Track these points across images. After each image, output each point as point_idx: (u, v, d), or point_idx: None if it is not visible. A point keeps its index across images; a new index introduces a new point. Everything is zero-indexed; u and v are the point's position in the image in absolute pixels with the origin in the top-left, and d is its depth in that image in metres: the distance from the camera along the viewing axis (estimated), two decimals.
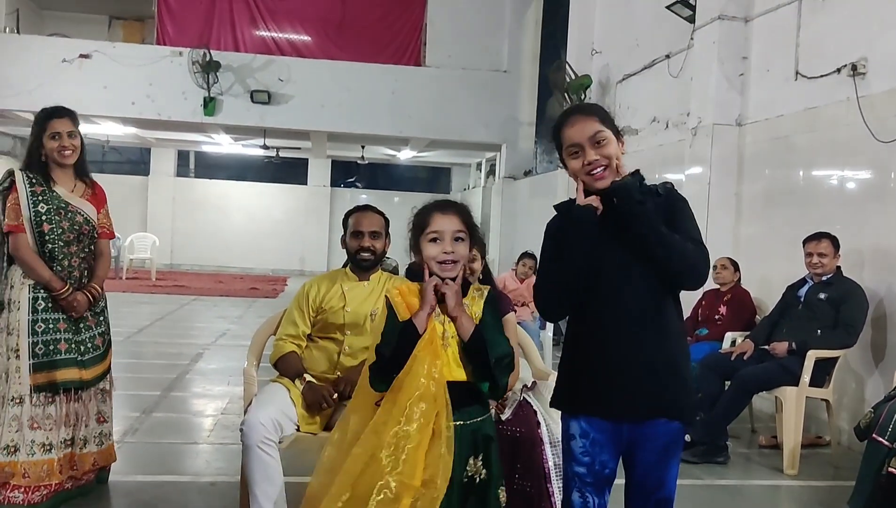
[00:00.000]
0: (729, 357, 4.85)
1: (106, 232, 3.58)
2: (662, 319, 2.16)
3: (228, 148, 18.32)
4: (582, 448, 2.18)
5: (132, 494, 3.62)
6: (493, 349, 2.16)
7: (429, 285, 2.17)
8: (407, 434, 2.04)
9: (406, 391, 2.07)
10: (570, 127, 2.16)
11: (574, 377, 2.21)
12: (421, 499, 2.04)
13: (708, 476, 4.39)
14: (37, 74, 12.66)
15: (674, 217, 2.16)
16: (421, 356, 2.10)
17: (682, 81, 7.57)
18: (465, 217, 2.26)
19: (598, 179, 2.13)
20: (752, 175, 6.46)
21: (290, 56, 13.93)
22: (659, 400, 2.13)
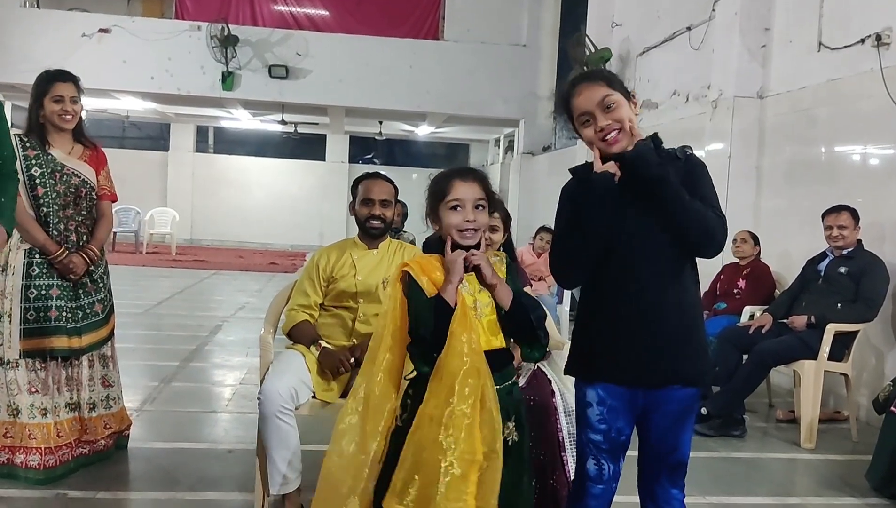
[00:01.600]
0: (747, 331, 4.81)
1: (107, 194, 3.55)
2: (680, 286, 2.14)
3: (247, 124, 18.34)
4: (598, 415, 2.17)
5: (151, 460, 3.66)
6: (533, 310, 2.18)
7: (457, 256, 2.15)
8: (463, 413, 2.03)
9: (450, 371, 2.05)
10: (578, 96, 2.13)
11: (590, 344, 2.20)
12: (485, 472, 2.05)
13: (724, 448, 4.38)
14: (56, 49, 12.69)
15: (692, 183, 2.13)
16: (457, 331, 2.07)
17: (703, 54, 7.47)
18: (486, 184, 2.24)
19: (612, 143, 2.10)
20: (774, 148, 6.38)
21: (309, 30, 13.89)
22: (675, 366, 2.12)
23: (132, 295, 9.18)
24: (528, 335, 2.20)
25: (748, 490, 3.74)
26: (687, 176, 2.14)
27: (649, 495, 2.25)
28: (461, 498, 2.02)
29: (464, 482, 2.03)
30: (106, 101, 15.28)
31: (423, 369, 2.15)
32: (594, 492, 2.20)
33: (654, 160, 2.08)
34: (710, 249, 2.13)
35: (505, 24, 13.91)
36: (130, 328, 7.06)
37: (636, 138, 2.10)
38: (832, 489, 3.83)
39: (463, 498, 2.02)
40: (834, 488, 3.84)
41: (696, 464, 4.05)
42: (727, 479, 3.92)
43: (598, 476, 2.19)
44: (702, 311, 2.27)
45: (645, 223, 2.11)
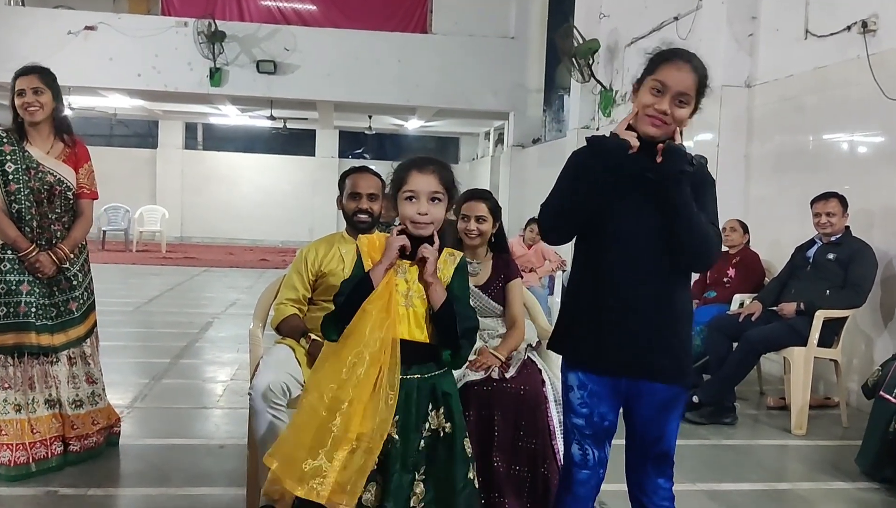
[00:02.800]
0: (737, 319, 4.83)
1: (86, 192, 3.48)
2: (668, 282, 2.13)
3: (236, 120, 18.28)
4: (580, 399, 2.17)
5: (142, 457, 3.65)
6: (462, 321, 2.15)
7: (395, 241, 2.15)
8: (344, 388, 2.04)
9: (350, 346, 2.07)
10: (674, 68, 2.06)
11: (575, 328, 2.20)
12: (354, 452, 2.04)
13: (715, 436, 4.40)
14: (42, 47, 12.57)
15: (699, 194, 2.11)
16: (369, 310, 2.08)
17: (690, 44, 7.43)
18: (445, 177, 2.21)
19: (654, 125, 2.07)
20: (762, 137, 6.40)
21: (296, 25, 13.85)
22: (655, 364, 2.11)
23: (122, 293, 9.17)
24: (449, 341, 2.17)
25: (739, 477, 3.75)
26: (695, 186, 2.10)
27: (637, 485, 2.25)
28: (324, 471, 2.03)
29: (331, 453, 2.03)
30: (93, 98, 15.20)
31: (330, 336, 2.16)
32: (580, 478, 2.20)
33: (687, 164, 2.05)
34: (701, 265, 2.16)
35: (493, 17, 13.89)
36: (121, 326, 7.06)
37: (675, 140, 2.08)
38: (823, 474, 3.85)
39: (325, 471, 2.03)
40: (824, 473, 3.86)
41: (687, 452, 4.10)
42: (718, 466, 3.94)
43: (582, 462, 2.20)
44: (691, 309, 2.25)
45: (642, 214, 2.10)
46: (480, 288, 3.31)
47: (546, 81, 13.74)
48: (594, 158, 2.11)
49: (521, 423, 2.94)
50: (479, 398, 2.94)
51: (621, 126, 2.11)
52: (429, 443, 2.16)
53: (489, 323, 3.34)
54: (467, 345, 2.19)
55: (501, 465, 2.91)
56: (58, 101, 3.42)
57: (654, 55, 2.14)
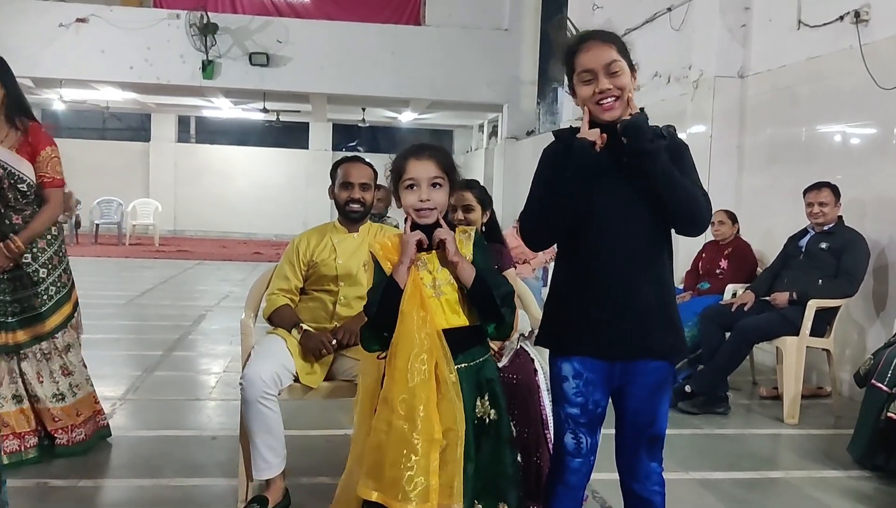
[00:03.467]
0: (730, 309, 4.83)
1: (47, 180, 3.31)
2: (657, 262, 2.14)
3: (229, 113, 18.23)
4: (575, 388, 2.17)
5: (133, 448, 3.64)
6: (497, 289, 2.16)
7: (410, 237, 2.15)
8: (415, 394, 2.03)
9: (403, 352, 2.06)
10: (586, 52, 2.07)
11: (564, 317, 2.19)
12: (446, 450, 2.06)
13: (707, 425, 4.41)
14: (34, 39, 12.58)
15: (676, 163, 2.10)
16: (407, 310, 2.08)
17: (683, 35, 7.47)
18: (443, 161, 2.21)
19: (606, 109, 2.06)
20: (755, 127, 6.40)
21: (289, 17, 13.79)
22: (649, 341, 2.12)
23: (115, 286, 9.14)
24: (491, 313, 2.18)
25: (731, 465, 3.76)
26: (671, 156, 2.10)
27: (628, 470, 2.24)
28: (425, 477, 2.02)
29: (426, 460, 2.03)
30: (85, 91, 15.13)
31: (372, 347, 2.18)
32: (573, 466, 2.19)
33: (650, 133, 2.05)
34: (697, 228, 2.13)
35: (486, 9, 13.86)
36: (114, 319, 7.06)
37: (631, 110, 2.08)
38: (815, 462, 3.86)
39: (427, 477, 2.03)
40: (816, 461, 3.87)
41: (679, 441, 4.11)
42: (710, 455, 3.94)
43: (576, 450, 2.19)
44: (674, 288, 2.27)
45: (625, 197, 2.10)
46: None
47: (540, 73, 13.72)
48: (565, 162, 2.11)
49: (514, 412, 2.93)
50: None
51: (584, 127, 2.11)
52: (476, 432, 2.16)
53: None
54: (509, 312, 2.19)
55: None
56: (8, 89, 3.26)
57: (565, 53, 2.15)
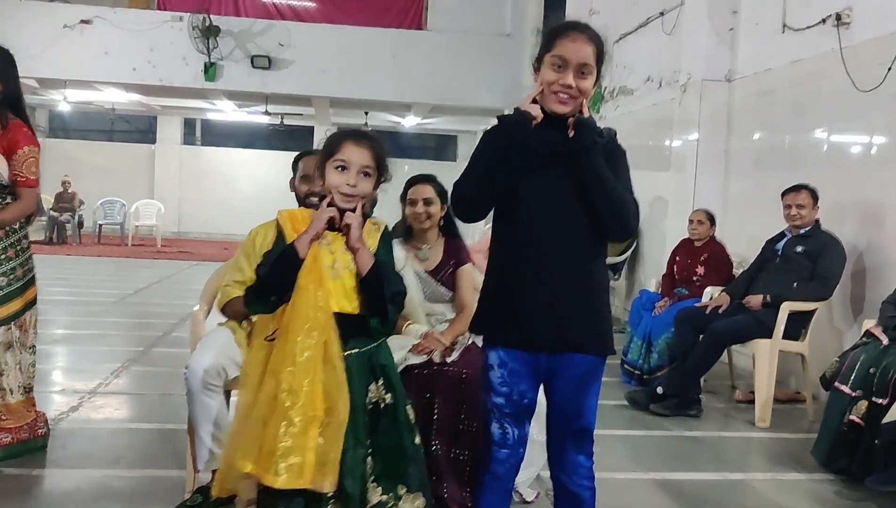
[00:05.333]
0: (704, 311, 4.80)
1: (20, 180, 3.27)
2: (587, 255, 2.13)
3: (234, 116, 18.31)
4: (500, 377, 2.16)
5: (95, 440, 3.65)
6: (389, 285, 2.18)
7: (323, 213, 2.16)
8: (303, 368, 2.04)
9: (295, 326, 2.07)
10: (570, 41, 2.05)
11: (494, 305, 2.18)
12: (327, 427, 2.06)
13: (677, 427, 4.38)
14: (38, 40, 12.64)
15: (612, 165, 2.11)
16: (304, 285, 2.09)
17: (675, 39, 7.45)
18: (378, 153, 2.23)
19: (560, 102, 2.06)
20: (741, 131, 6.37)
21: (291, 20, 13.85)
22: (577, 335, 2.11)
23: (110, 285, 9.20)
24: (377, 307, 2.20)
25: (693, 467, 3.74)
26: (607, 158, 2.10)
27: (557, 462, 2.23)
28: (301, 453, 2.03)
29: (303, 437, 2.04)
30: (90, 93, 15.24)
31: (257, 308, 2.20)
32: (499, 456, 2.18)
33: (596, 135, 2.06)
34: (623, 232, 2.13)
35: (488, 14, 13.86)
36: (102, 316, 7.09)
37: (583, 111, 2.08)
38: (780, 466, 3.83)
39: (302, 453, 2.03)
40: (781, 464, 3.84)
41: (645, 442, 4.10)
42: (674, 456, 3.92)
43: (502, 441, 2.17)
44: (607, 279, 2.26)
45: (556, 187, 2.09)
46: (430, 273, 3.31)
47: None
48: (501, 135, 2.11)
49: (463, 406, 2.93)
50: (419, 381, 2.92)
51: (527, 100, 2.10)
52: (372, 416, 2.19)
53: (438, 308, 3.34)
54: (395, 310, 2.21)
55: (441, 449, 2.90)
56: (6, 85, 3.29)
57: (549, 31, 2.14)
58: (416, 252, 3.40)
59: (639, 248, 8.03)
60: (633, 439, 4.19)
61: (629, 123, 8.61)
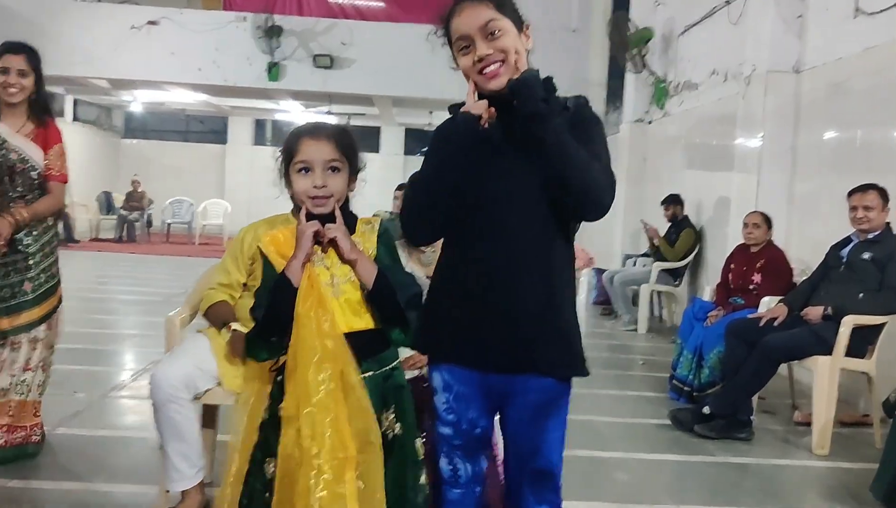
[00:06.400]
0: (758, 323, 4.35)
1: (54, 174, 3.34)
2: (547, 258, 1.78)
3: (300, 116, 18.35)
4: (445, 403, 1.83)
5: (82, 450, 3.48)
6: (402, 290, 1.88)
7: (306, 228, 1.87)
8: (324, 407, 1.77)
9: (304, 361, 1.79)
10: (458, 16, 1.79)
11: (438, 318, 1.85)
12: (363, 465, 1.79)
13: (722, 452, 3.95)
14: (107, 42, 12.88)
15: (581, 137, 1.76)
16: (304, 312, 1.81)
17: (740, 29, 6.94)
18: (342, 143, 1.94)
19: (490, 77, 1.76)
20: (809, 126, 5.85)
21: (354, 19, 13.74)
22: (532, 351, 1.76)
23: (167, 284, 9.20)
24: (394, 317, 1.90)
25: (734, 500, 3.33)
26: (575, 128, 1.76)
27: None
28: (340, 503, 1.75)
29: (338, 484, 1.76)
30: (160, 93, 15.48)
31: (260, 355, 1.91)
32: (451, 497, 1.86)
33: (540, 93, 1.74)
34: (593, 208, 1.74)
35: (555, 9, 13.43)
36: (143, 316, 7.02)
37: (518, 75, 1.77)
38: (833, 500, 3.38)
39: (341, 502, 1.75)
40: (835, 500, 3.39)
41: (684, 469, 3.70)
42: (714, 486, 3.51)
43: (452, 478, 1.85)
44: (573, 292, 1.88)
45: (514, 181, 1.77)
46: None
47: (610, 73, 13.23)
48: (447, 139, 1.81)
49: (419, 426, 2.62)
50: None
51: (469, 99, 1.79)
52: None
53: None
54: (415, 316, 1.91)
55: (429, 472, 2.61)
56: (39, 83, 3.31)
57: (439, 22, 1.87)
58: (419, 256, 3.11)
59: (701, 252, 7.54)
60: (670, 465, 3.79)
61: (693, 120, 8.13)
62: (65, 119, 17.33)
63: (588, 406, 4.51)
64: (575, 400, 1.87)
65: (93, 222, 15.89)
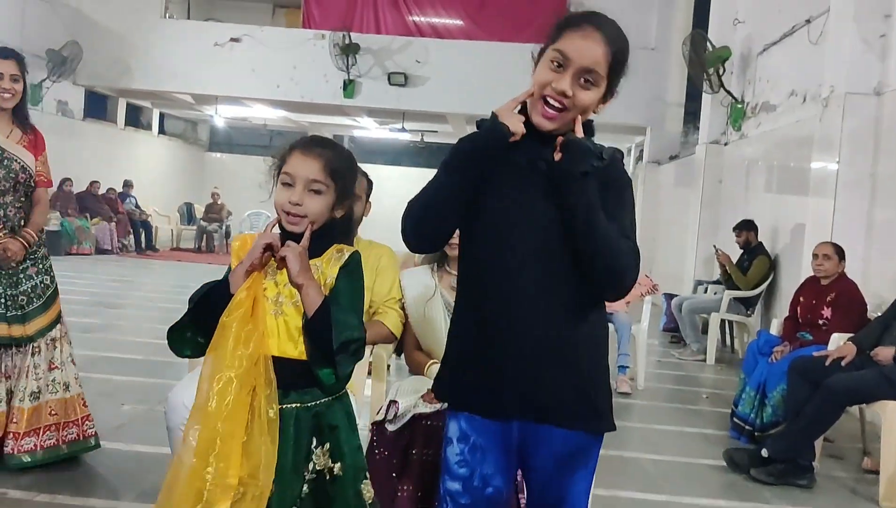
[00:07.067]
0: (823, 362, 4.08)
1: (43, 180, 3.38)
2: (569, 297, 1.65)
3: (377, 133, 18.54)
4: (459, 455, 1.70)
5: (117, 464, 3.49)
6: (341, 329, 1.72)
7: (261, 239, 1.78)
8: (213, 425, 1.68)
9: (210, 370, 1.71)
10: (580, 36, 1.63)
11: (457, 360, 1.74)
12: (243, 499, 1.68)
13: (778, 500, 3.71)
14: (192, 58, 13.32)
15: (613, 200, 1.63)
16: (228, 321, 1.71)
17: (820, 49, 6.63)
18: (332, 165, 1.81)
19: (546, 115, 1.63)
20: (890, 151, 5.51)
21: (430, 37, 13.80)
22: (555, 400, 1.64)
23: None
24: (322, 356, 1.75)
25: None
26: (606, 188, 1.63)
27: None
28: None
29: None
30: (241, 109, 15.87)
31: (182, 351, 1.84)
32: None
33: (589, 162, 1.60)
34: (615, 290, 1.63)
35: (632, 27, 12.69)
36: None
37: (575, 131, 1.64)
38: None
39: None
40: None
41: None
42: None
43: None
44: (603, 333, 1.74)
45: (536, 214, 1.64)
46: None
47: (688, 93, 12.89)
48: (471, 145, 1.67)
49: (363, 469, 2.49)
50: (427, 435, 2.53)
51: (508, 106, 1.66)
52: (313, 487, 1.79)
53: None
54: (348, 361, 1.76)
55: None
56: (25, 90, 3.33)
57: (561, 20, 1.69)
58: (450, 280, 3.01)
59: (776, 281, 7.20)
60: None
61: (770, 142, 7.81)
62: (151, 132, 17.96)
63: (638, 443, 4.31)
64: (624, 434, 1.75)
65: (174, 232, 16.38)
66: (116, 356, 5.74)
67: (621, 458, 4.01)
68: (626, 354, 5.73)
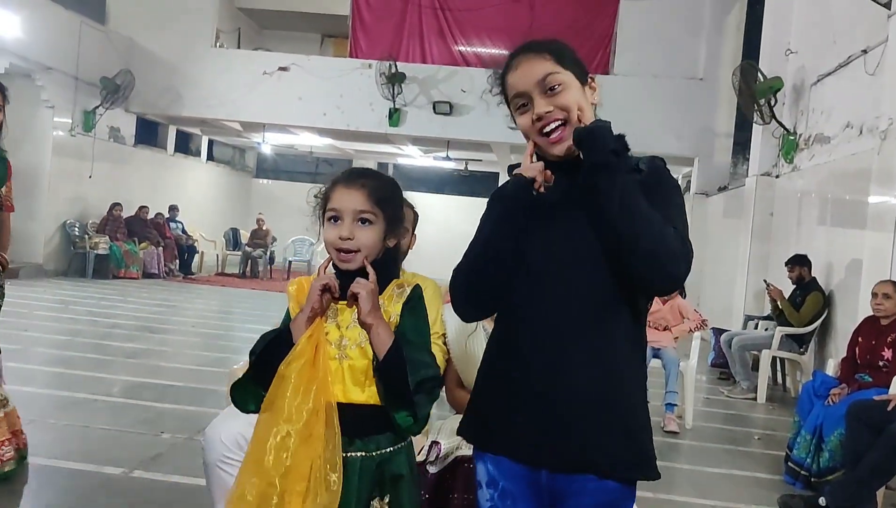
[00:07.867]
0: (885, 406, 3.89)
1: (9, 205, 3.55)
2: (608, 338, 1.56)
3: (421, 161, 18.59)
4: (488, 500, 1.62)
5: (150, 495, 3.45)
6: (415, 368, 1.66)
7: (317, 282, 1.72)
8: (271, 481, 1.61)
9: (265, 425, 1.65)
10: (514, 71, 1.65)
11: (485, 402, 1.66)
12: None
13: None
14: (240, 86, 13.52)
15: (657, 200, 1.55)
16: (287, 374, 1.65)
17: (878, 80, 6.43)
18: (378, 194, 1.76)
19: (554, 141, 1.60)
20: None
21: (476, 67, 13.82)
22: (588, 449, 1.53)
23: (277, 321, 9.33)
24: (397, 398, 1.68)
25: None
26: (650, 191, 1.55)
27: None
28: None
29: None
30: (287, 136, 16.05)
31: (247, 406, 1.78)
32: None
33: (610, 144, 1.56)
34: (663, 276, 1.51)
35: (680, 57, 13.08)
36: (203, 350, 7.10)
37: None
38: None
39: None
40: None
41: None
42: None
43: None
44: (642, 378, 1.64)
45: (569, 247, 1.58)
46: None
47: (737, 124, 12.69)
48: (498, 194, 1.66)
49: None
50: (468, 478, 2.43)
51: (525, 161, 1.65)
52: None
53: None
54: (426, 401, 1.70)
55: None
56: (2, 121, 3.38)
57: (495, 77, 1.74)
58: None
59: (830, 318, 6.97)
60: None
61: (824, 175, 7.59)
62: (200, 158, 18.24)
63: (687, 486, 4.14)
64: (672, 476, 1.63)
65: (220, 257, 16.55)
66: (158, 381, 5.74)
67: (671, 502, 3.85)
68: (674, 391, 5.56)
